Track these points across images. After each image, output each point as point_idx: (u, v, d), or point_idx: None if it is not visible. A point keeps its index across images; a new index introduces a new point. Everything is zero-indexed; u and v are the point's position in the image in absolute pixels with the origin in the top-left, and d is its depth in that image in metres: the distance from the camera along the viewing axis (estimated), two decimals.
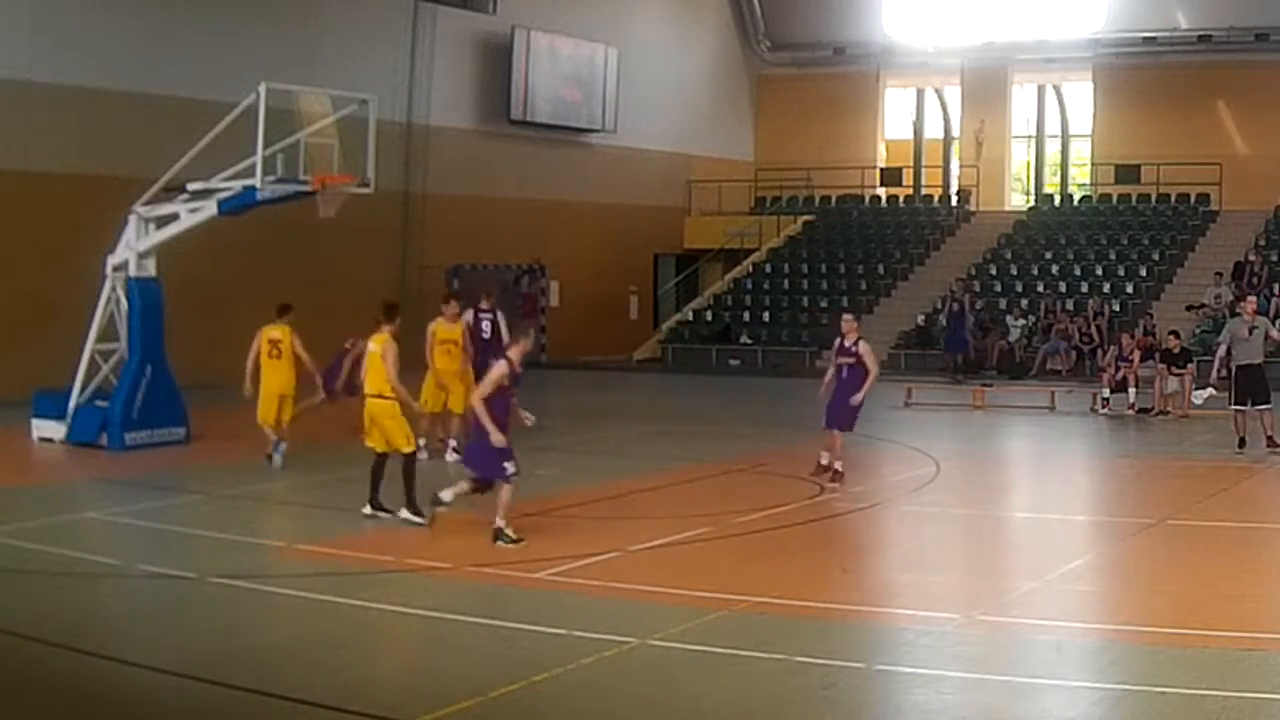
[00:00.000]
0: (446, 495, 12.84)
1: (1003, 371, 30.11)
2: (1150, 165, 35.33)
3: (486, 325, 18.69)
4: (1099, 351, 26.94)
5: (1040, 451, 19.29)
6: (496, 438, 12.47)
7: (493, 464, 12.65)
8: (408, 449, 13.73)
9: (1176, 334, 24.72)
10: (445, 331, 17.57)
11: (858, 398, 15.87)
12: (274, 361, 17.29)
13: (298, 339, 17.37)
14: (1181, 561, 12.52)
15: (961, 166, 41.10)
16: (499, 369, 12.72)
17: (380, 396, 13.66)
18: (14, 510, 14.06)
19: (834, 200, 39.78)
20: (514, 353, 12.90)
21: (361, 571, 11.72)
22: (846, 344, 16.09)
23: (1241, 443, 18.67)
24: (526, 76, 34.16)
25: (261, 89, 18.27)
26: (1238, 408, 18.67)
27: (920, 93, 42.50)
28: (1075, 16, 37.05)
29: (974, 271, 35.17)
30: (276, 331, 17.36)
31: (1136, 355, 23.89)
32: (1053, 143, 42.07)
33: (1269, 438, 18.56)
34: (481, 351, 17.79)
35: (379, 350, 13.74)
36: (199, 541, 13.06)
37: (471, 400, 12.86)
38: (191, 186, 18.96)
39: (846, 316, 17.00)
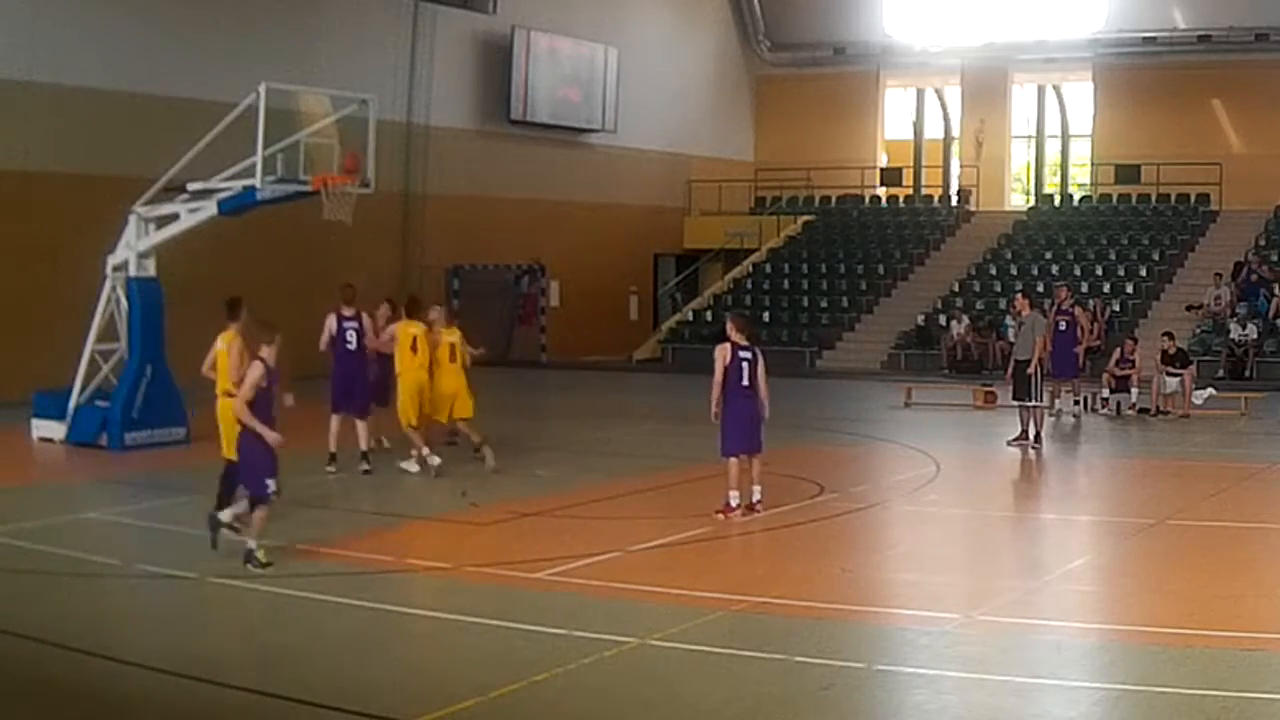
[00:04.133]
0: (225, 515, 12.14)
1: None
2: (1150, 165, 35.34)
3: (351, 334, 16.95)
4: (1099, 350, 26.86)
5: (1040, 451, 19.29)
6: (274, 437, 11.73)
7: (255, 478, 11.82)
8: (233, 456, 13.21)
9: (1171, 335, 24.68)
10: None
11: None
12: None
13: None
14: (1181, 561, 12.53)
15: (961, 166, 41.11)
16: (256, 370, 11.83)
17: (229, 395, 13.15)
18: (14, 510, 14.07)
19: (834, 200, 39.79)
20: (267, 352, 12.04)
21: (361, 571, 11.72)
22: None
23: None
24: (526, 76, 34.16)
25: (261, 89, 18.26)
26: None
27: (920, 93, 42.52)
28: (1075, 16, 37.09)
29: (974, 271, 35.18)
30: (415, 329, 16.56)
31: (1138, 357, 23.90)
32: (1053, 143, 42.09)
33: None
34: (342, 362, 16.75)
35: (224, 348, 13.33)
36: (199, 541, 13.04)
37: (235, 409, 11.93)
38: (191, 186, 18.96)
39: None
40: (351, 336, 16.94)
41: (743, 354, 14.01)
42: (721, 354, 13.99)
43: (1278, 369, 28.90)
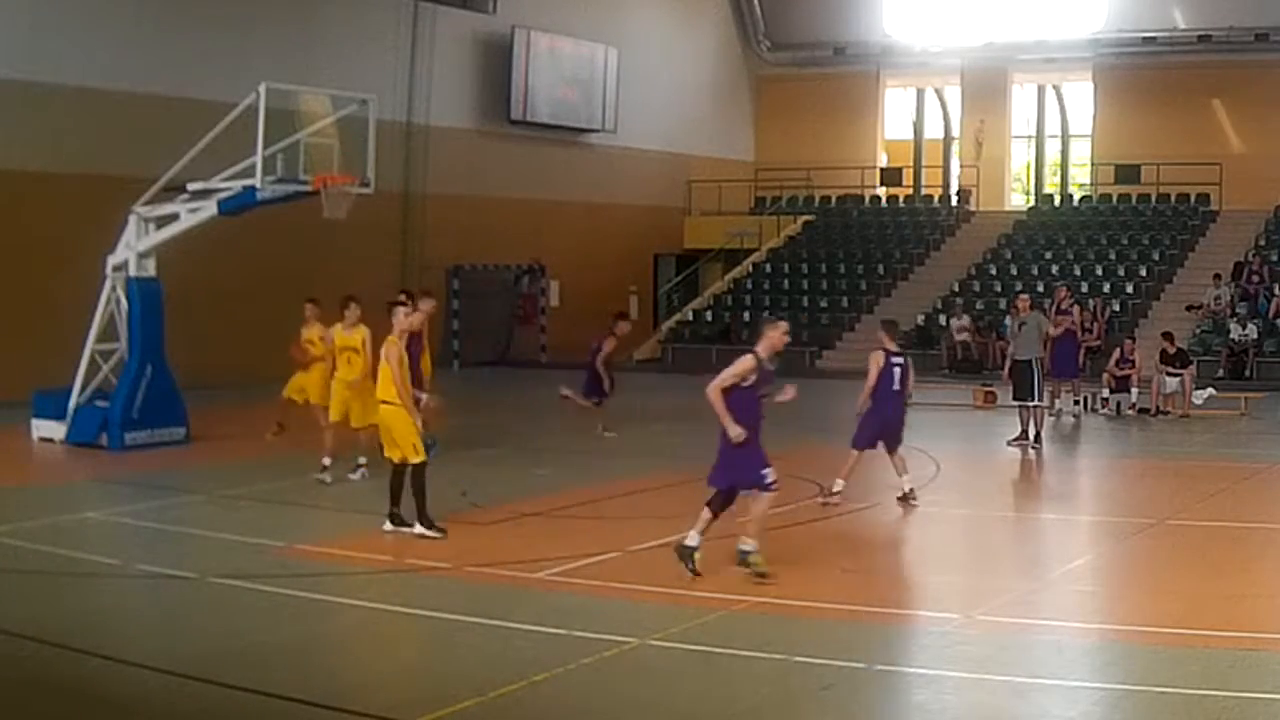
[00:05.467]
0: (692, 540, 11.33)
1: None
2: (1150, 165, 35.33)
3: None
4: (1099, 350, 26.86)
5: (1040, 451, 19.30)
6: (734, 431, 11.07)
7: (743, 470, 11.26)
8: (416, 459, 12.96)
9: (1170, 335, 24.68)
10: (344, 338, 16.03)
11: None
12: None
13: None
14: (1181, 561, 12.53)
15: (961, 166, 41.11)
16: (744, 362, 11.25)
17: (389, 402, 13.02)
18: (14, 510, 14.07)
19: (834, 200, 39.78)
20: (762, 347, 11.46)
21: (361, 571, 11.73)
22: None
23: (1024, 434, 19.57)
24: (526, 76, 34.15)
25: (261, 89, 18.27)
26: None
27: (920, 93, 42.51)
28: (1075, 16, 37.09)
29: (974, 271, 35.18)
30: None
31: (1138, 357, 23.90)
32: (1053, 143, 42.08)
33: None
34: None
35: (383, 352, 13.12)
36: (199, 541, 13.07)
37: (707, 391, 11.23)
38: (191, 186, 18.97)
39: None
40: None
41: (895, 360, 15.01)
42: (875, 362, 14.95)
43: (1278, 369, 28.89)
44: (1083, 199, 38.41)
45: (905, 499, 14.91)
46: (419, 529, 12.91)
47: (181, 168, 18.99)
